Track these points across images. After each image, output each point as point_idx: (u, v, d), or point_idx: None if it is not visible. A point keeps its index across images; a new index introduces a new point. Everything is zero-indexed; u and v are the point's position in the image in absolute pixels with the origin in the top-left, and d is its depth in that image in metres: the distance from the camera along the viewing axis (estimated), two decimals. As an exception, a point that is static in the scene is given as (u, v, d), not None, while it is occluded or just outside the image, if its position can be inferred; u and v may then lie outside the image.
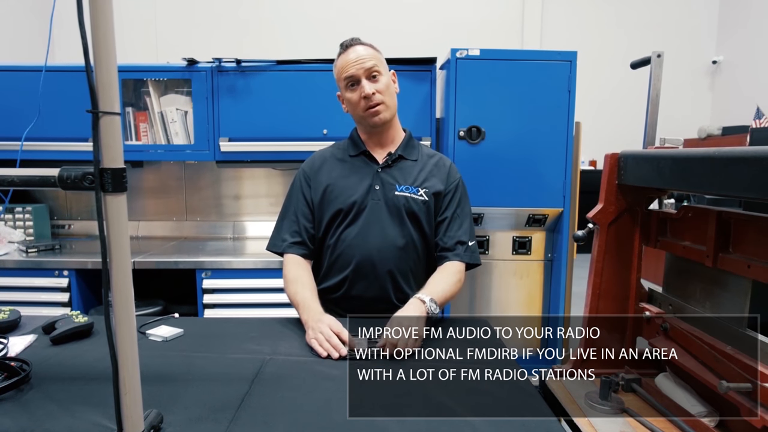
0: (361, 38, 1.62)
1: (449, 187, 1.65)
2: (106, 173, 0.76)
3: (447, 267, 1.58)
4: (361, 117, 1.60)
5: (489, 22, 6.39)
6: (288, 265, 1.60)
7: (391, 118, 1.63)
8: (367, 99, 1.55)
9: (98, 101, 0.75)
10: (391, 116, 1.62)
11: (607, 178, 1.40)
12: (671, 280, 1.41)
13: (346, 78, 1.56)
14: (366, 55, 1.55)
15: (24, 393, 1.05)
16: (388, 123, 1.62)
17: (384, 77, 1.58)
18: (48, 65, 2.06)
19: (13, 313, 1.48)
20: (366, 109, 1.57)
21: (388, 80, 1.59)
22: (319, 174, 1.65)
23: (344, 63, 1.57)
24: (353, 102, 1.58)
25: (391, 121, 1.63)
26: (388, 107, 1.59)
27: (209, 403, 1.02)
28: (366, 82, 1.54)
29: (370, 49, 1.59)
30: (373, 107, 1.56)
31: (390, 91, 1.59)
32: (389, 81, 1.59)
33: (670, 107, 2.45)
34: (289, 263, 1.60)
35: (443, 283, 1.52)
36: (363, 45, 1.59)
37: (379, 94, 1.56)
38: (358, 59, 1.55)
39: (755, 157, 0.89)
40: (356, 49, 1.57)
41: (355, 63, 1.54)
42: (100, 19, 0.74)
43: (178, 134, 2.85)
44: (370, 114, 1.57)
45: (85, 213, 3.24)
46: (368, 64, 1.54)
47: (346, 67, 1.56)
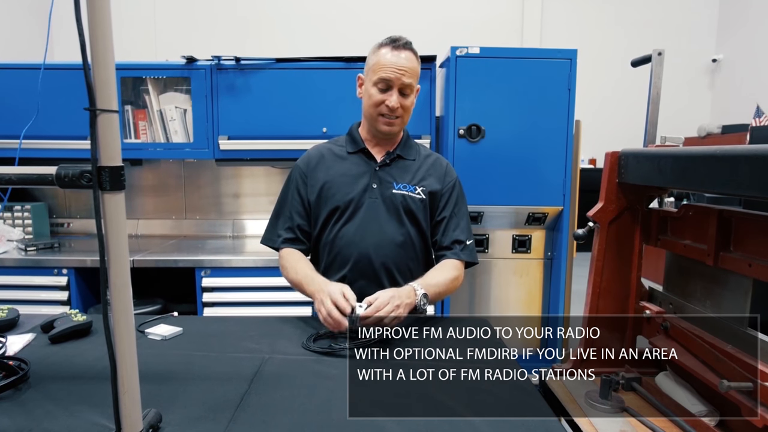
0: (412, 43, 1.58)
1: (446, 187, 1.65)
2: (104, 171, 0.76)
3: (445, 264, 1.59)
4: (373, 118, 1.59)
5: (489, 20, 6.38)
6: (284, 257, 1.62)
7: (400, 131, 1.64)
8: (388, 108, 1.54)
9: (96, 99, 0.74)
10: (400, 130, 1.64)
11: (607, 176, 1.39)
12: (672, 279, 1.41)
13: (381, 78, 1.52)
14: (409, 69, 1.52)
15: (22, 392, 1.05)
16: (394, 135, 1.63)
17: (412, 96, 1.58)
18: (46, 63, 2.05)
19: (12, 311, 1.48)
20: (381, 115, 1.56)
21: (413, 100, 1.59)
22: (316, 171, 1.64)
23: (386, 62, 1.51)
24: (374, 100, 1.55)
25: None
26: (402, 123, 1.60)
27: (208, 403, 1.02)
28: (396, 95, 1.53)
29: (416, 61, 1.56)
30: (391, 118, 1.56)
31: (411, 109, 1.60)
32: (414, 100, 1.60)
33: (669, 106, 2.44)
34: (284, 255, 1.62)
35: (439, 277, 1.52)
36: (413, 54, 1.55)
37: (401, 110, 1.56)
38: (402, 68, 1.51)
39: (756, 155, 0.89)
40: (405, 56, 1.53)
41: (397, 70, 1.51)
42: (98, 17, 0.74)
43: (177, 132, 2.84)
44: (384, 122, 1.57)
45: (84, 211, 3.24)
46: (407, 80, 1.52)
47: (387, 68, 1.51)
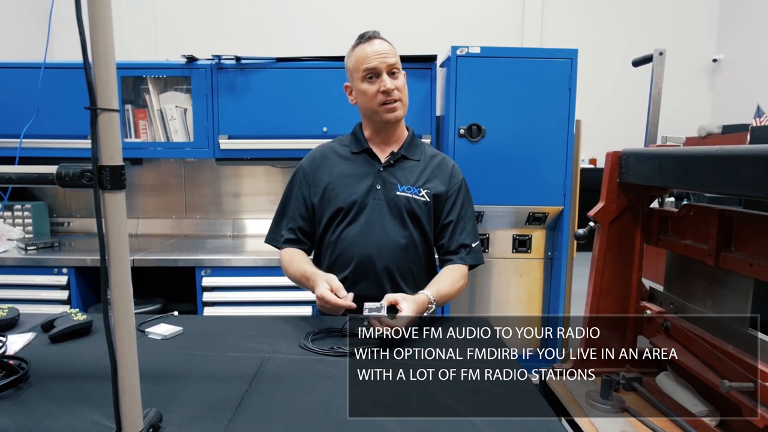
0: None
1: (452, 190, 1.64)
2: (104, 170, 0.76)
3: (453, 270, 1.59)
4: (375, 111, 1.57)
5: (489, 19, 6.37)
6: (284, 256, 1.63)
7: (403, 117, 1.63)
8: (386, 94, 1.53)
9: (96, 98, 0.74)
10: (404, 114, 1.62)
11: (608, 176, 1.39)
12: (672, 279, 1.41)
13: (367, 69, 1.53)
14: (389, 51, 1.54)
15: (22, 391, 1.05)
16: (400, 120, 1.62)
17: (402, 75, 1.57)
18: (47, 62, 2.05)
19: (12, 311, 1.47)
20: (382, 104, 1.55)
21: (404, 80, 1.58)
22: (319, 172, 1.64)
23: (364, 54, 1.53)
24: (369, 94, 1.55)
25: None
26: (403, 105, 1.59)
27: (209, 402, 1.02)
28: (387, 77, 1.53)
29: (389, 45, 1.57)
30: (391, 103, 1.55)
31: (406, 90, 1.59)
32: (404, 81, 1.59)
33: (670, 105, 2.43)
34: (285, 254, 1.63)
35: (449, 287, 1.53)
36: (384, 40, 1.56)
37: (398, 91, 1.55)
38: (381, 52, 1.52)
39: (757, 155, 0.89)
40: (378, 43, 1.54)
41: (378, 56, 1.52)
42: (99, 16, 0.73)
43: (177, 132, 2.84)
44: (386, 110, 1.56)
45: (85, 210, 3.24)
46: (391, 59, 1.53)
47: (368, 59, 1.52)
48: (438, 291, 1.46)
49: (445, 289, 1.50)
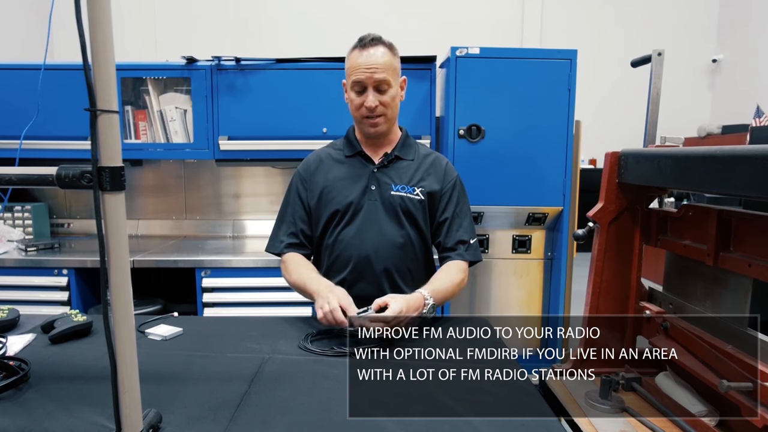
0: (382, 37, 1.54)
1: (446, 187, 1.64)
2: (104, 172, 0.76)
3: (451, 266, 1.58)
4: (358, 121, 1.59)
5: (489, 20, 6.38)
6: (285, 261, 1.62)
7: (389, 129, 1.61)
8: (368, 109, 1.52)
9: (96, 99, 0.74)
10: (388, 128, 1.60)
11: (607, 176, 1.39)
12: (672, 279, 1.41)
13: (354, 82, 1.51)
14: (380, 64, 1.48)
15: (23, 392, 1.05)
16: (384, 133, 1.61)
17: (392, 89, 1.53)
18: (47, 63, 2.06)
19: (12, 312, 1.48)
20: (365, 117, 1.55)
21: (395, 92, 1.54)
22: (315, 175, 1.65)
23: (356, 64, 1.50)
24: (354, 105, 1.55)
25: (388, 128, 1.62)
26: (387, 120, 1.56)
27: (208, 403, 1.02)
28: (372, 94, 1.50)
29: (387, 54, 1.51)
30: (373, 118, 1.54)
31: (395, 103, 1.56)
32: (396, 93, 1.55)
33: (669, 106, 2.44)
34: (286, 259, 1.62)
35: (447, 283, 1.52)
36: (382, 47, 1.51)
37: (382, 107, 1.53)
38: (371, 66, 1.48)
39: (756, 155, 0.89)
40: (372, 53, 1.49)
41: (366, 69, 1.48)
42: (99, 17, 0.74)
43: (177, 133, 2.84)
44: (368, 124, 1.56)
45: (85, 211, 3.24)
46: (379, 75, 1.48)
47: (357, 70, 1.49)
48: (434, 288, 1.46)
49: (443, 285, 1.49)
